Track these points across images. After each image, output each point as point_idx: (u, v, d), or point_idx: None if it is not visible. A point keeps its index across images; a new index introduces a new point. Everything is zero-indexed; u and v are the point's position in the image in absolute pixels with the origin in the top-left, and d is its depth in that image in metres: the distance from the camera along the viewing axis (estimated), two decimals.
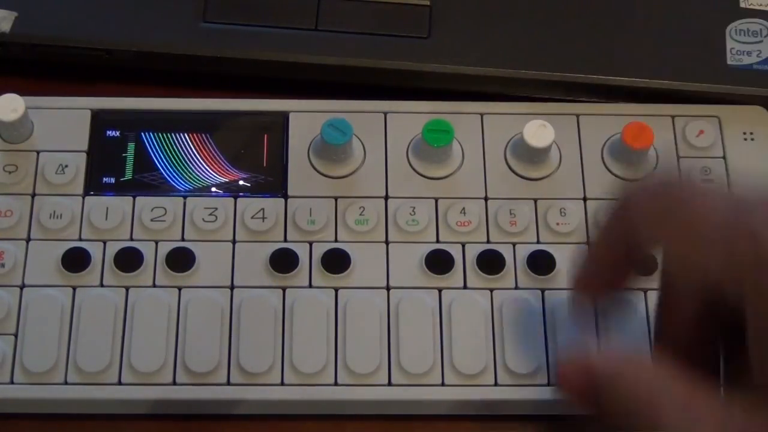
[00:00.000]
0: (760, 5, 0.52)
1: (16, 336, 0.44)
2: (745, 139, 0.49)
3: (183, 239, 0.46)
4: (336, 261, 0.45)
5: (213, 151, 0.48)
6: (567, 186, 0.48)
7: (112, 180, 0.47)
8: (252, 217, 0.46)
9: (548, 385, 0.44)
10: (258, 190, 0.47)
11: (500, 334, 0.44)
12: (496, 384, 0.44)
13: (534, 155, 0.47)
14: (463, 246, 0.46)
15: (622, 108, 0.49)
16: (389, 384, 0.44)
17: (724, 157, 0.48)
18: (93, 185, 0.47)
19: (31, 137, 0.47)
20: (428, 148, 0.47)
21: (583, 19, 0.51)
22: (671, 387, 0.33)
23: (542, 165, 0.48)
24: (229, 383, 0.43)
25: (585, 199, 0.47)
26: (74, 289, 0.45)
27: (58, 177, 0.47)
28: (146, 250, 0.45)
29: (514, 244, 0.46)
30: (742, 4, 0.52)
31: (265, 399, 0.43)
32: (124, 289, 0.45)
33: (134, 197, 0.47)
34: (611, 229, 0.37)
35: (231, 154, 0.48)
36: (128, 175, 0.47)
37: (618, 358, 0.35)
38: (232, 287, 0.45)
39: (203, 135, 0.48)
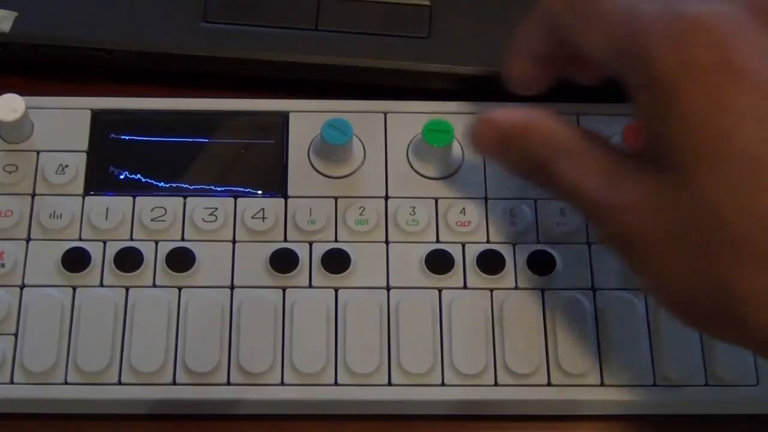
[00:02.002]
0: None
1: (16, 336, 0.44)
2: None
3: (183, 239, 0.46)
4: (336, 261, 0.45)
5: (213, 151, 0.48)
6: None
7: (112, 180, 0.47)
8: (252, 217, 0.46)
9: (548, 385, 0.44)
10: (258, 190, 0.47)
11: (500, 334, 0.44)
12: (496, 384, 0.44)
13: None
14: (463, 246, 0.46)
15: (622, 108, 0.49)
16: (389, 384, 0.44)
17: None
18: (93, 185, 0.47)
19: (31, 137, 0.48)
20: (428, 148, 0.47)
21: None
22: (563, 133, 0.39)
23: None
24: (229, 383, 0.43)
25: None
26: (74, 289, 0.45)
27: (58, 177, 0.47)
28: (146, 250, 0.45)
29: (513, 244, 0.46)
30: None
31: (265, 399, 0.43)
32: (124, 289, 0.45)
33: (134, 197, 0.47)
34: (536, 12, 0.41)
35: (231, 154, 0.48)
36: (128, 175, 0.47)
37: (517, 113, 0.41)
38: (232, 287, 0.45)
39: (203, 135, 0.48)
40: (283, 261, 0.45)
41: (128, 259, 0.45)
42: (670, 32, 0.35)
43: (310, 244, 0.46)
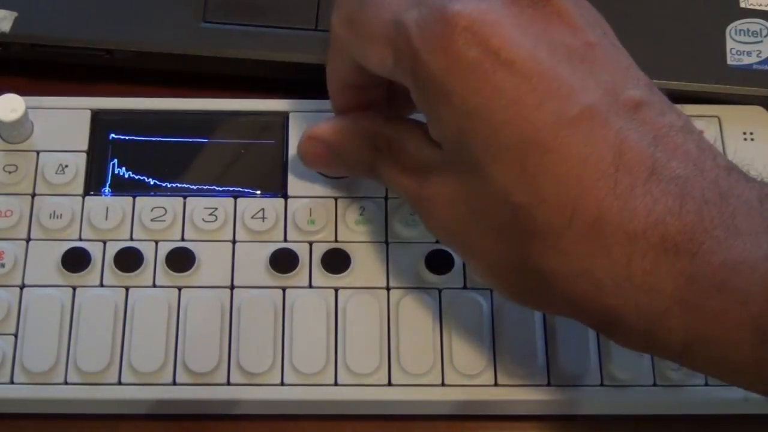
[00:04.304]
0: (760, 5, 0.52)
1: (16, 336, 0.44)
2: (745, 139, 0.49)
3: (183, 239, 0.46)
4: (336, 261, 0.45)
5: (213, 151, 0.48)
6: None
7: (112, 180, 0.47)
8: (252, 217, 0.46)
9: (548, 385, 0.44)
10: (258, 190, 0.47)
11: (500, 333, 0.44)
12: (496, 384, 0.44)
13: None
14: None
15: None
16: (389, 384, 0.44)
17: None
18: (93, 185, 0.47)
19: (31, 137, 0.47)
20: None
21: None
22: (382, 134, 0.42)
23: None
24: (229, 383, 0.43)
25: None
26: (74, 289, 0.45)
27: (58, 177, 0.47)
28: (146, 250, 0.45)
29: None
30: (742, 4, 0.52)
31: (265, 399, 0.43)
32: (124, 289, 0.45)
33: (134, 197, 0.47)
34: (331, 42, 0.42)
35: (231, 154, 0.48)
36: (128, 175, 0.47)
37: (337, 124, 0.44)
38: (232, 287, 0.45)
39: (203, 135, 0.48)
40: (283, 261, 0.45)
41: (128, 259, 0.45)
42: (433, 35, 0.36)
43: (310, 244, 0.46)
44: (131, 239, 0.46)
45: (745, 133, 0.49)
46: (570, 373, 0.44)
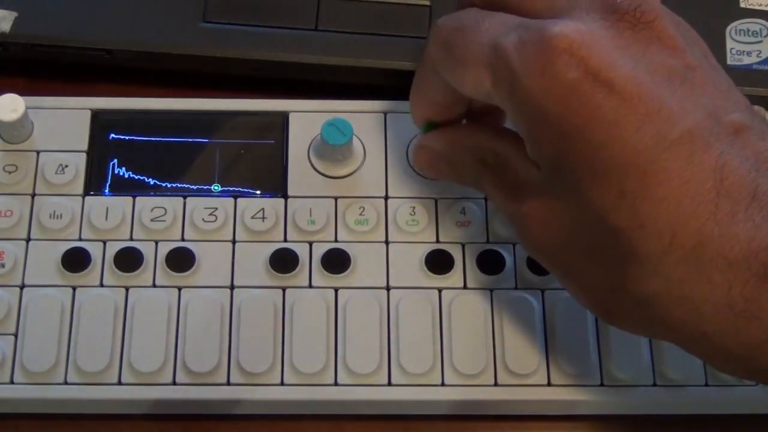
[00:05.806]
0: (760, 5, 0.52)
1: (16, 336, 0.44)
2: None
3: (183, 239, 0.46)
4: (336, 261, 0.45)
5: (213, 151, 0.48)
6: None
7: (112, 180, 0.47)
8: (252, 217, 0.46)
9: (548, 385, 0.44)
10: (258, 190, 0.47)
11: (500, 334, 0.44)
12: (496, 384, 0.44)
13: None
14: (463, 246, 0.46)
15: None
16: (389, 384, 0.44)
17: None
18: (93, 185, 0.47)
19: (31, 137, 0.47)
20: None
21: None
22: (488, 149, 0.42)
23: None
24: (229, 383, 0.43)
25: None
26: (74, 289, 0.45)
27: (58, 177, 0.47)
28: (146, 250, 0.45)
29: (513, 244, 0.46)
30: (742, 4, 0.52)
31: (265, 399, 0.43)
32: (124, 289, 0.45)
33: (134, 197, 0.47)
34: (423, 62, 0.42)
35: (230, 154, 0.48)
36: (128, 175, 0.47)
37: (448, 135, 0.44)
38: (232, 287, 0.45)
39: (203, 135, 0.48)
40: (283, 261, 0.45)
41: (128, 259, 0.45)
42: (532, 57, 0.36)
43: (310, 244, 0.46)
44: (131, 239, 0.46)
45: None
46: (570, 373, 0.44)
